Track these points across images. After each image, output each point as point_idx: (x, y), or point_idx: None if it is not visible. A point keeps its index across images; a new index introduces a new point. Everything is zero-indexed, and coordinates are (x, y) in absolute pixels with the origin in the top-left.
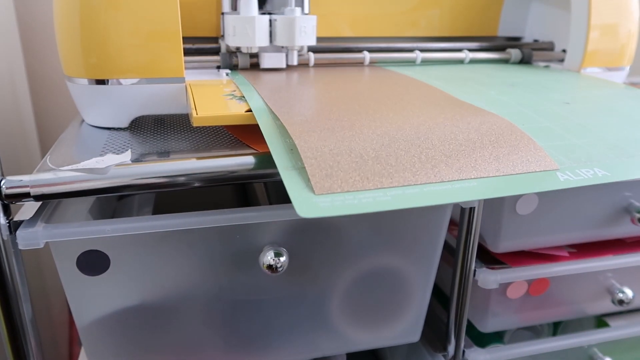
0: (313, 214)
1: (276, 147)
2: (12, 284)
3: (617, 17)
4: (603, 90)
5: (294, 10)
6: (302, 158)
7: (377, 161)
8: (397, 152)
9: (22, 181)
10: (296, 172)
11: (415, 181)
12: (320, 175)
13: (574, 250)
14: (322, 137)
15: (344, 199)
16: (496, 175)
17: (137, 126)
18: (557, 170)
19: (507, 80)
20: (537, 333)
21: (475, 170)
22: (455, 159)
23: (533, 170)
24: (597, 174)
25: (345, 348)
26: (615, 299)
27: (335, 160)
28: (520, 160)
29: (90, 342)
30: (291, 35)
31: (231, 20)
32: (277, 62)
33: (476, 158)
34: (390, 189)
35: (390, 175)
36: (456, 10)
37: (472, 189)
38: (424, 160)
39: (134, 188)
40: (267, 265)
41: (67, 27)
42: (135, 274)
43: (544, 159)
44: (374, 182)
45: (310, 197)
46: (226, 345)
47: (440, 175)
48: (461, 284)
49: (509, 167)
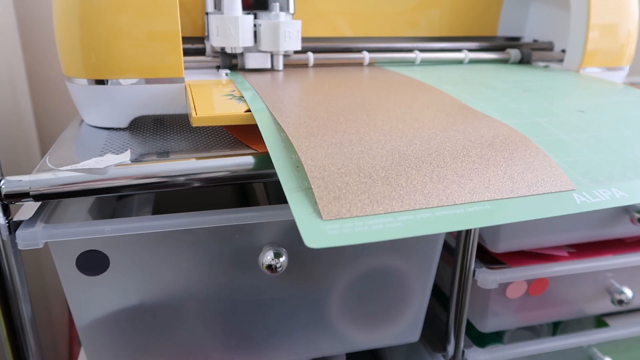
0: (321, 243)
1: (282, 165)
2: (12, 284)
3: (616, 17)
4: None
5: (279, 14)
6: (308, 178)
7: (387, 181)
8: (407, 170)
9: (22, 181)
10: (303, 194)
11: (426, 204)
12: (327, 198)
13: (573, 250)
14: (330, 154)
15: (353, 226)
16: (510, 196)
17: (137, 126)
18: (573, 191)
19: (519, 85)
20: (537, 333)
21: (488, 192)
22: (467, 179)
23: (549, 191)
24: (615, 195)
25: (345, 348)
26: (615, 299)
27: (343, 181)
28: (535, 179)
29: (90, 342)
30: (275, 40)
31: (214, 20)
32: (262, 62)
33: (489, 177)
34: (401, 213)
35: (401, 197)
36: (456, 10)
37: (485, 213)
38: (435, 180)
39: (133, 188)
40: (266, 266)
41: (66, 27)
42: (135, 274)
43: (560, 178)
44: (384, 206)
45: (318, 224)
46: (225, 346)
47: (453, 198)
48: (461, 283)
49: (523, 188)
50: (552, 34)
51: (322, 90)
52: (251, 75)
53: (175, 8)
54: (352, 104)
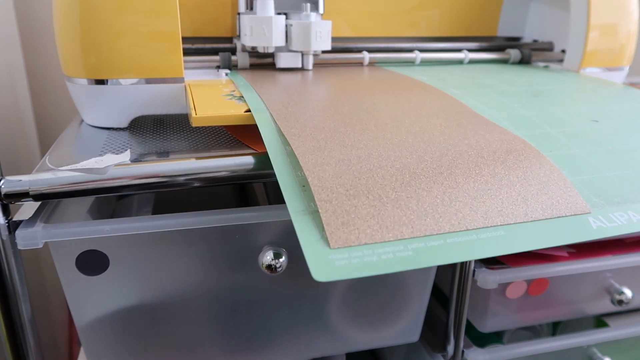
0: (329, 277)
1: (288, 184)
2: (12, 283)
3: (616, 17)
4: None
5: (310, 15)
6: (315, 200)
7: (397, 204)
8: (418, 192)
9: (22, 181)
10: (309, 218)
11: (438, 230)
12: (335, 224)
13: (573, 250)
14: (337, 173)
15: (362, 255)
16: (524, 221)
17: (137, 126)
18: (588, 214)
19: (528, 89)
20: (537, 333)
21: (501, 216)
22: (480, 201)
23: (564, 214)
24: (632, 219)
25: (345, 348)
26: (615, 299)
27: (352, 204)
28: (549, 201)
29: (90, 341)
30: (307, 40)
31: (248, 20)
32: (293, 62)
33: (502, 199)
34: (412, 240)
35: (412, 222)
36: (456, 10)
37: (499, 240)
38: (447, 203)
39: (133, 188)
40: (266, 266)
41: (66, 27)
42: (135, 274)
43: (575, 200)
44: (394, 232)
45: (326, 254)
46: (225, 345)
47: (465, 223)
48: (460, 283)
49: (537, 212)
50: (552, 34)
51: (325, 93)
52: (251, 75)
53: (175, 8)
54: (359, 111)
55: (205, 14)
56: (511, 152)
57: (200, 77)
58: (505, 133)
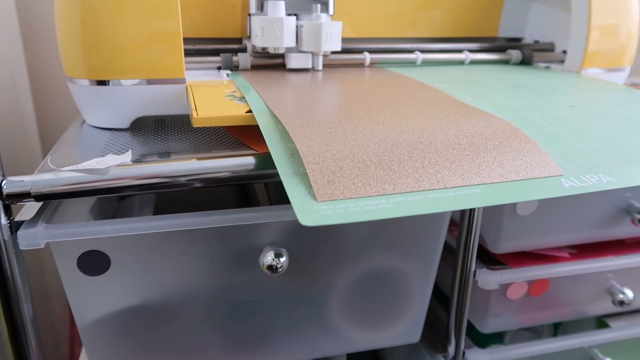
0: (315, 222)
1: (278, 153)
2: (13, 284)
3: (617, 18)
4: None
5: (320, 16)
6: (304, 164)
7: (380, 167)
8: (399, 157)
9: (23, 181)
10: (298, 179)
11: (418, 187)
12: (322, 181)
13: (574, 251)
14: (324, 142)
15: (346, 207)
16: (500, 181)
17: (138, 127)
18: (561, 176)
19: (511, 83)
20: (538, 334)
21: (478, 177)
22: (458, 164)
23: (537, 176)
24: (602, 180)
25: (346, 348)
26: (616, 300)
27: (337, 166)
28: (524, 165)
29: (91, 342)
30: (317, 40)
31: (259, 22)
32: (304, 62)
33: (479, 163)
34: (393, 195)
35: (393, 181)
36: (457, 11)
37: (475, 196)
38: (426, 165)
39: (134, 188)
40: (267, 266)
41: (68, 28)
42: (136, 274)
43: (548, 165)
44: (377, 189)
45: (313, 205)
46: (226, 346)
47: (444, 182)
48: (461, 284)
49: (512, 173)
50: (553, 34)
51: (320, 88)
52: (252, 76)
53: (177, 9)
54: (347, 99)
55: (208, 14)
56: (488, 126)
57: (201, 77)
58: (484, 113)
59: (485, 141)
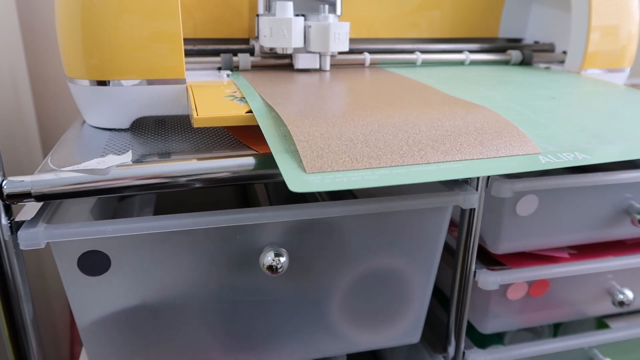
0: (303, 188)
1: (270, 134)
2: (14, 284)
3: (617, 19)
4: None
5: (327, 16)
6: (294, 142)
7: (366, 144)
8: (385, 136)
9: (24, 182)
10: (289, 155)
11: (402, 162)
12: (311, 156)
13: (574, 251)
14: (314, 123)
15: (334, 177)
16: (480, 158)
17: (138, 127)
18: (539, 154)
19: (497, 79)
20: (538, 334)
21: (460, 153)
22: (441, 143)
23: (516, 153)
24: (578, 157)
25: (346, 349)
26: (616, 301)
27: (326, 144)
28: (503, 144)
29: (91, 342)
30: (325, 41)
31: (267, 22)
32: (311, 63)
33: (461, 142)
34: (378, 169)
35: (379, 157)
36: (457, 12)
37: (456, 170)
38: (411, 144)
39: (134, 189)
40: (267, 266)
41: (68, 29)
42: (136, 275)
43: (527, 144)
44: (363, 163)
45: (302, 175)
46: (226, 346)
47: (427, 158)
48: (461, 285)
49: (492, 151)
50: (553, 35)
51: (318, 87)
52: (252, 76)
53: (177, 9)
54: (341, 93)
55: (207, 15)
56: (470, 112)
57: (201, 78)
58: (468, 103)
59: (467, 124)
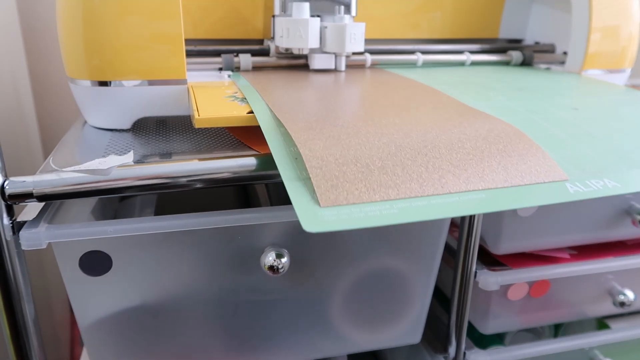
0: (319, 228)
1: (280, 157)
2: (15, 284)
3: (618, 20)
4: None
5: (343, 17)
6: (307, 168)
7: (384, 171)
8: (403, 161)
9: (25, 182)
10: (301, 184)
11: (422, 192)
12: (325, 186)
13: (574, 252)
14: (328, 145)
15: (350, 212)
16: (504, 186)
17: (140, 127)
18: (566, 181)
19: (515, 85)
20: (538, 335)
21: (482, 181)
22: (462, 169)
23: (542, 181)
24: (607, 185)
25: (346, 349)
26: (616, 301)
27: (340, 170)
28: (528, 170)
29: (93, 342)
30: (341, 42)
31: (284, 23)
32: (327, 63)
33: (484, 168)
34: (397, 201)
35: (397, 186)
36: (457, 13)
37: (480, 202)
38: (430, 170)
39: (136, 189)
40: (268, 267)
41: (69, 29)
42: (137, 275)
43: (553, 169)
44: (380, 194)
45: (316, 210)
46: (227, 346)
47: (448, 187)
48: (462, 285)
49: (517, 178)
50: (553, 36)
51: (322, 89)
52: (254, 77)
53: (178, 10)
54: (350, 102)
55: (208, 15)
56: (492, 130)
57: (202, 78)
58: (488, 117)
59: (490, 145)
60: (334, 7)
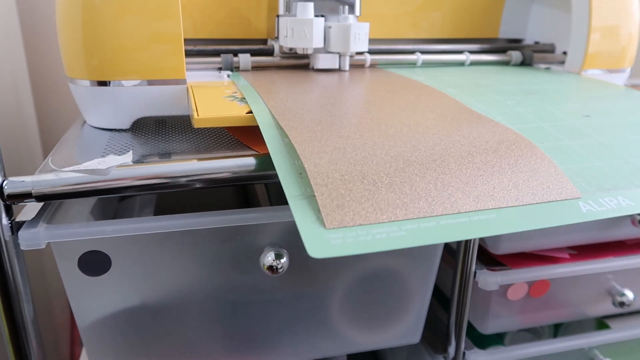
0: (324, 253)
1: (285, 172)
2: (14, 284)
3: (617, 19)
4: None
5: (347, 17)
6: (312, 185)
7: (391, 189)
8: (411, 177)
9: (24, 182)
10: (306, 202)
11: (431, 212)
12: (331, 206)
13: (574, 252)
14: (333, 160)
15: (357, 235)
16: (515, 205)
17: (139, 127)
18: (579, 199)
19: (523, 88)
20: (538, 335)
21: (493, 200)
22: (472, 186)
23: (554, 199)
24: (621, 203)
25: (346, 349)
26: (616, 301)
27: (347, 188)
28: (540, 187)
29: (92, 342)
30: (345, 41)
31: (288, 23)
32: (331, 63)
33: (494, 185)
34: (405, 222)
35: (405, 205)
36: (457, 12)
37: (490, 223)
38: (439, 187)
39: (135, 189)
40: (267, 267)
41: (69, 29)
42: (136, 275)
43: (565, 186)
44: (388, 214)
45: (321, 233)
46: (226, 346)
47: (457, 206)
48: (462, 285)
49: (528, 196)
50: (553, 36)
51: (324, 92)
52: (253, 77)
53: (178, 10)
54: (355, 108)
55: (208, 15)
56: (503, 142)
57: (202, 78)
58: (497, 126)
59: (500, 159)
60: (338, 7)
